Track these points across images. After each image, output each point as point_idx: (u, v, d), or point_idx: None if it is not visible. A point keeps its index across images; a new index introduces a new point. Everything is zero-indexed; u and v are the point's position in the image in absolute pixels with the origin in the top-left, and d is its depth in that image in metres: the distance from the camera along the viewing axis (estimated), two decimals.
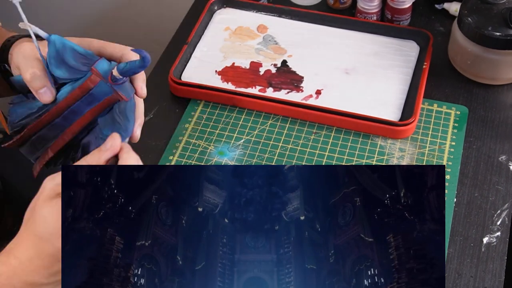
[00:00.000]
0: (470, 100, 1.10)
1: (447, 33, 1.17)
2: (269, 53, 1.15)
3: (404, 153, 1.02)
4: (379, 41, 1.16)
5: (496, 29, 1.05)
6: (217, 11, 1.23)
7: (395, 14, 1.18)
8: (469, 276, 0.89)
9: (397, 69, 1.11)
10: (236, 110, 1.09)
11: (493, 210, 0.96)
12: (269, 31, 1.19)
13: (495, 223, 0.94)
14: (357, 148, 1.03)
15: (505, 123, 1.06)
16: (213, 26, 1.20)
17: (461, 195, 0.98)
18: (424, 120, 1.06)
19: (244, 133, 1.06)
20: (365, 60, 1.13)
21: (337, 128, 1.06)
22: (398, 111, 1.06)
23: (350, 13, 1.22)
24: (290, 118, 1.07)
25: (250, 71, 1.12)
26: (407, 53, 1.14)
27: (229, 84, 1.10)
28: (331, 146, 1.04)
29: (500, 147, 1.03)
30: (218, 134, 1.06)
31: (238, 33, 1.19)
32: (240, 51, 1.15)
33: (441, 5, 1.23)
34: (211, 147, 1.04)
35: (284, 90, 1.09)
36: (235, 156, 1.03)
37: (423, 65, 1.10)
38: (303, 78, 1.11)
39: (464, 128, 1.05)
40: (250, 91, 1.09)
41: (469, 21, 1.07)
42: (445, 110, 1.08)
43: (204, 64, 1.14)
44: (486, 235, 0.93)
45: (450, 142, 1.04)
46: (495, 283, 0.89)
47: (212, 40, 1.18)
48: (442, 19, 1.22)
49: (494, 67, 1.09)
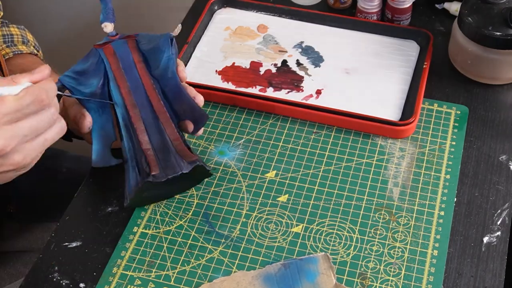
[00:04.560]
0: (471, 100, 1.10)
1: (448, 33, 1.17)
2: (269, 53, 1.15)
3: (405, 153, 1.02)
4: (379, 41, 1.16)
5: (497, 29, 1.05)
6: (217, 11, 1.23)
7: (396, 14, 1.18)
8: (469, 276, 0.89)
9: (397, 69, 1.11)
10: (236, 110, 1.09)
11: (493, 210, 0.96)
12: (269, 31, 1.19)
13: (496, 222, 0.94)
14: (357, 148, 1.03)
15: (505, 123, 1.06)
16: (213, 26, 1.20)
17: (461, 195, 0.98)
18: (425, 120, 1.06)
19: (244, 132, 1.06)
20: (366, 60, 1.13)
21: (337, 128, 1.06)
22: (399, 111, 1.06)
23: (350, 13, 1.22)
24: (290, 118, 1.07)
25: (250, 71, 1.12)
26: (407, 53, 1.14)
27: (229, 84, 1.10)
28: (331, 145, 1.04)
29: (500, 146, 1.03)
30: (218, 133, 1.06)
31: (238, 33, 1.19)
32: (240, 51, 1.15)
33: (441, 5, 1.23)
34: (211, 147, 1.04)
35: (285, 90, 1.09)
36: (235, 155, 1.03)
37: (423, 65, 1.10)
38: (303, 78, 1.11)
39: (464, 128, 1.05)
40: (251, 91, 1.09)
41: (470, 21, 1.07)
42: (446, 110, 1.08)
43: (204, 64, 1.14)
44: (486, 234, 0.93)
45: (450, 141, 1.04)
46: (495, 282, 0.89)
47: (212, 40, 1.18)
48: (442, 19, 1.22)
49: (494, 67, 1.09)
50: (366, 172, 1.00)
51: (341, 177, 1.00)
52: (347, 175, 1.00)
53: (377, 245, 0.92)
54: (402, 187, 0.98)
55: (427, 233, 0.93)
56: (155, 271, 0.91)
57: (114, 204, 0.98)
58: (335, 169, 1.01)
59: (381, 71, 1.11)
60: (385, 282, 0.89)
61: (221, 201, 0.98)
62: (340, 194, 0.98)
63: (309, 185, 0.99)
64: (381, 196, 0.97)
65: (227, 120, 1.08)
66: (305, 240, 0.93)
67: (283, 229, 0.95)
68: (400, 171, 1.00)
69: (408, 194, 0.98)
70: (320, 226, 0.95)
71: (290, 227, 0.95)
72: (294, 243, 0.93)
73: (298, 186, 0.99)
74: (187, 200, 0.98)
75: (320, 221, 0.95)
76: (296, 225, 0.95)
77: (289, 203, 0.97)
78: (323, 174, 1.00)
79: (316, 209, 0.96)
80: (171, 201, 0.98)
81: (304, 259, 0.91)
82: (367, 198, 0.97)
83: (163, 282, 0.90)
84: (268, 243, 0.93)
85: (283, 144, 1.04)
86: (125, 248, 0.93)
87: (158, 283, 0.89)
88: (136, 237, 0.94)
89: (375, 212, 0.96)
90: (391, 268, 0.90)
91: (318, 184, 0.99)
